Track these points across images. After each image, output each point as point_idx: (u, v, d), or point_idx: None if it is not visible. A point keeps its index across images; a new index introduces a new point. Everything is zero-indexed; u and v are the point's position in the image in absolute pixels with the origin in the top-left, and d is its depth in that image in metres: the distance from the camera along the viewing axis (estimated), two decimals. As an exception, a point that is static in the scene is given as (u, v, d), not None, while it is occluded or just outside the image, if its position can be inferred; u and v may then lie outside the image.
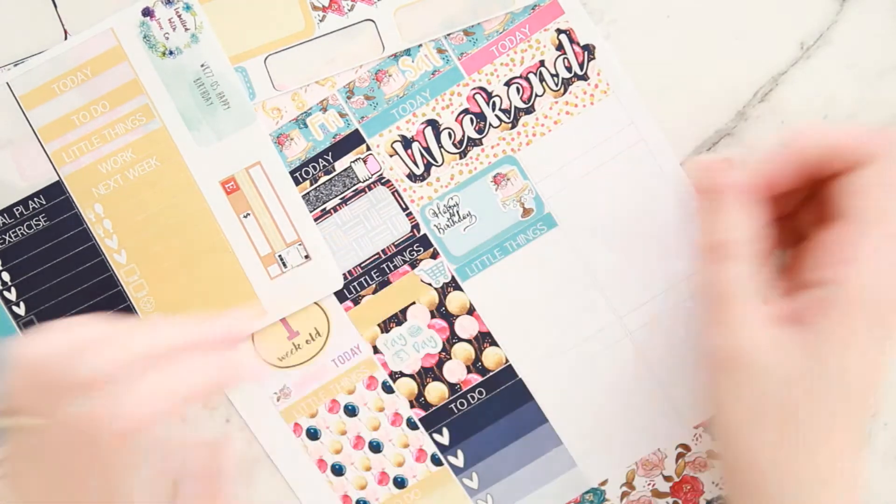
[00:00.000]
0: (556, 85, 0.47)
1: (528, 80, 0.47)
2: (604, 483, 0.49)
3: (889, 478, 0.49)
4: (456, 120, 0.47)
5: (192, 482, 0.38)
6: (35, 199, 0.46)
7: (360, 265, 0.48)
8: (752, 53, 0.47)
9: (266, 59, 0.46)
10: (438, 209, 0.47)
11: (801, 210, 0.42)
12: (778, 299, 0.39)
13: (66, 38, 0.46)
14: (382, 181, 0.47)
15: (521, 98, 0.47)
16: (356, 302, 0.48)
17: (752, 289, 0.38)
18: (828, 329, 0.36)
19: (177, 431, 0.48)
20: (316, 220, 0.47)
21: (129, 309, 0.47)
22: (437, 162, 0.47)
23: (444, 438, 0.48)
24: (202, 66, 0.46)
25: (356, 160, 0.47)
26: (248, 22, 0.46)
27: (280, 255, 0.46)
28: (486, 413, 0.48)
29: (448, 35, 0.46)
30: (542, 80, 0.47)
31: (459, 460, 0.48)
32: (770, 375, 0.37)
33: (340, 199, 0.47)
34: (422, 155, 0.47)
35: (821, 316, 0.37)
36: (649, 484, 0.48)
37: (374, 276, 0.48)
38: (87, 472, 0.34)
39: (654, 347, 0.48)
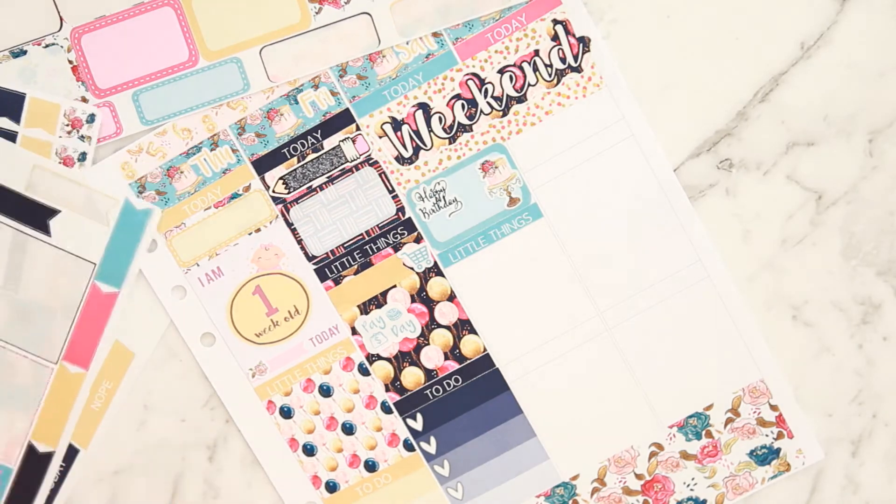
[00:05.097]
0: (550, 75, 0.46)
1: (521, 68, 0.46)
2: (575, 478, 0.48)
3: (889, 478, 0.48)
4: (447, 105, 0.47)
5: None
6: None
7: (342, 245, 0.47)
8: (752, 53, 0.46)
9: (261, 50, 0.47)
10: (425, 193, 0.47)
11: None
12: None
13: (61, 28, 0.47)
14: (370, 162, 0.47)
15: (513, 86, 0.46)
16: (337, 282, 0.48)
17: None
18: None
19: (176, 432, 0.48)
20: (301, 197, 0.47)
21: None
22: (425, 146, 0.47)
23: (418, 424, 0.48)
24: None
25: (345, 139, 0.47)
26: (244, 13, 0.46)
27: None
28: (462, 401, 0.48)
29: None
30: (535, 69, 0.46)
31: (432, 447, 0.48)
32: None
33: (327, 177, 0.47)
34: (411, 138, 0.47)
35: None
36: (620, 481, 0.48)
37: (357, 256, 0.47)
38: None
39: (632, 344, 0.47)
